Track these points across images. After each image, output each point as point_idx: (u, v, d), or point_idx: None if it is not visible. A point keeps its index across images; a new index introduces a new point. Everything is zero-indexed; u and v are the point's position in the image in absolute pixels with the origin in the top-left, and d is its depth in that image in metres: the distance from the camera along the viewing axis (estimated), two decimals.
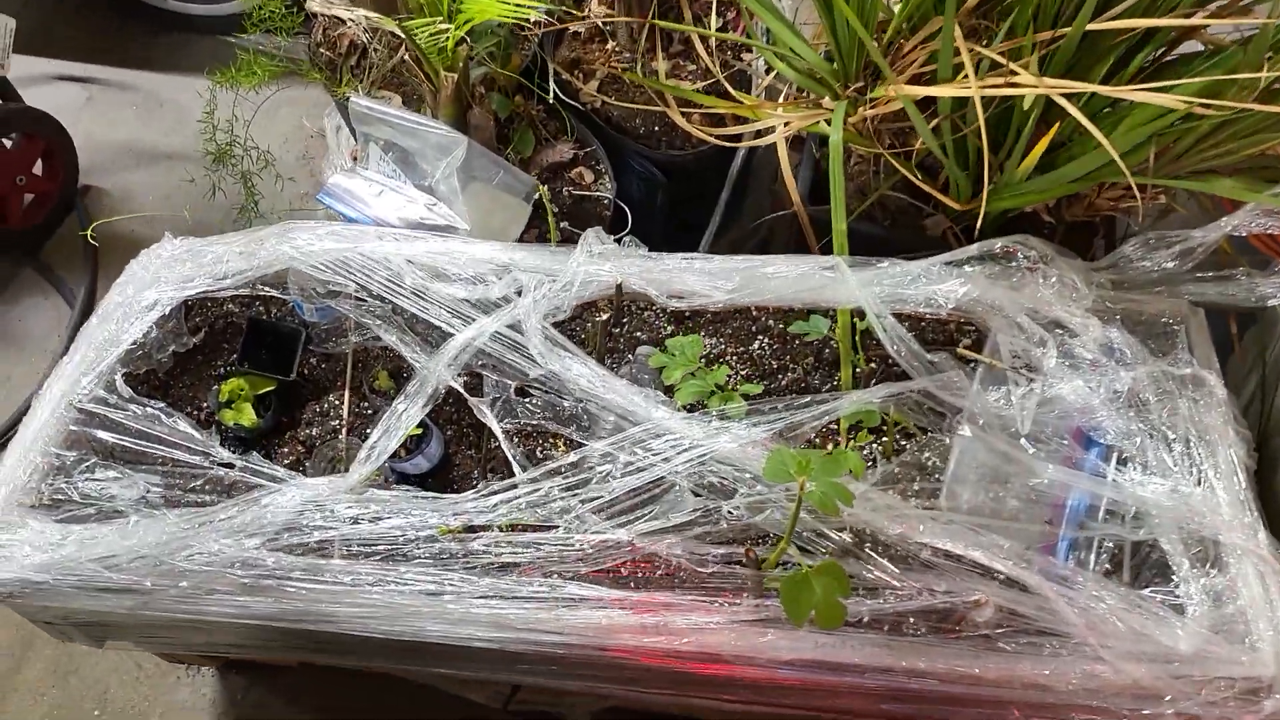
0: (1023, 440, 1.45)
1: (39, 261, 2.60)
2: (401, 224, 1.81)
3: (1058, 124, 1.33)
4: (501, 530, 1.34)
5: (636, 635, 1.30)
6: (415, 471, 1.56)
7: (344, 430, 1.61)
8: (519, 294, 1.51)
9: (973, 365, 1.56)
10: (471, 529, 1.34)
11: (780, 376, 1.60)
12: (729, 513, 1.30)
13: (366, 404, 1.63)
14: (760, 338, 1.64)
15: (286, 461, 1.56)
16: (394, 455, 1.54)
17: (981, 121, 1.29)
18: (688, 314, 1.67)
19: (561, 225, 1.87)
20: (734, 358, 1.62)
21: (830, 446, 1.45)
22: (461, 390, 1.49)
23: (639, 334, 1.66)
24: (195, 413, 1.63)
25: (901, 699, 1.31)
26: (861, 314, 1.49)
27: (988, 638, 1.26)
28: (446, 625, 1.33)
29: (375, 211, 1.83)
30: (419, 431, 1.53)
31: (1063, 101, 1.21)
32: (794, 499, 1.21)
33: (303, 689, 1.97)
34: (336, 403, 1.63)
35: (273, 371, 1.63)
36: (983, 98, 1.28)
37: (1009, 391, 1.48)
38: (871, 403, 1.37)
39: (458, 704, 1.77)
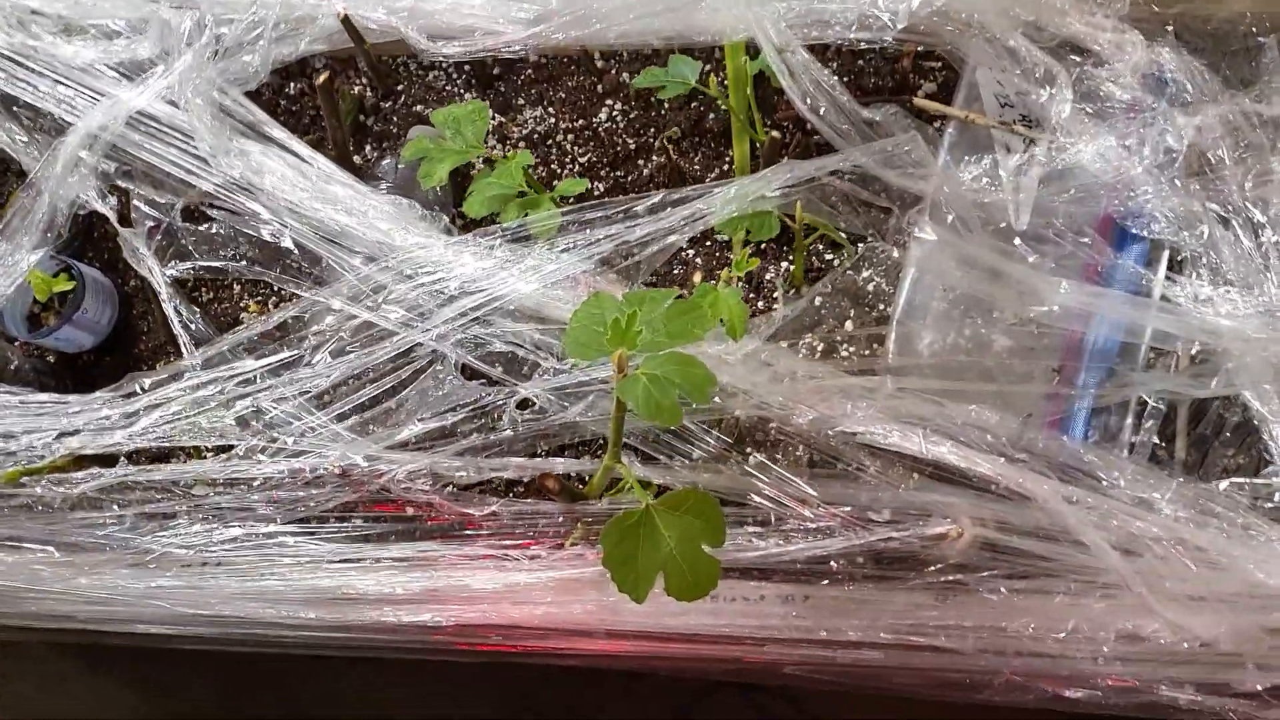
0: (1017, 241, 0.91)
1: None
2: None
3: None
4: (134, 463, 0.80)
5: (405, 608, 0.79)
6: (71, 349, 1.00)
7: None
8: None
9: (939, 126, 0.99)
10: (85, 460, 0.79)
11: (641, 163, 1.02)
12: (521, 406, 0.76)
13: None
14: (610, 103, 1.05)
15: None
16: (34, 323, 0.99)
17: None
18: (496, 70, 1.07)
19: None
20: (569, 136, 1.04)
21: (699, 279, 0.89)
22: (107, 213, 0.91)
23: (420, 108, 1.06)
24: None
25: (821, 669, 0.82)
26: (757, 50, 0.90)
27: (962, 581, 0.75)
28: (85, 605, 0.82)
29: None
30: (69, 286, 0.97)
31: None
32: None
33: None
34: None
35: None
36: None
37: (995, 164, 0.93)
38: (763, 197, 0.80)
39: None
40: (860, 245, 0.90)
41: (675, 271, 0.90)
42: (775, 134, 0.89)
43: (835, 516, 0.71)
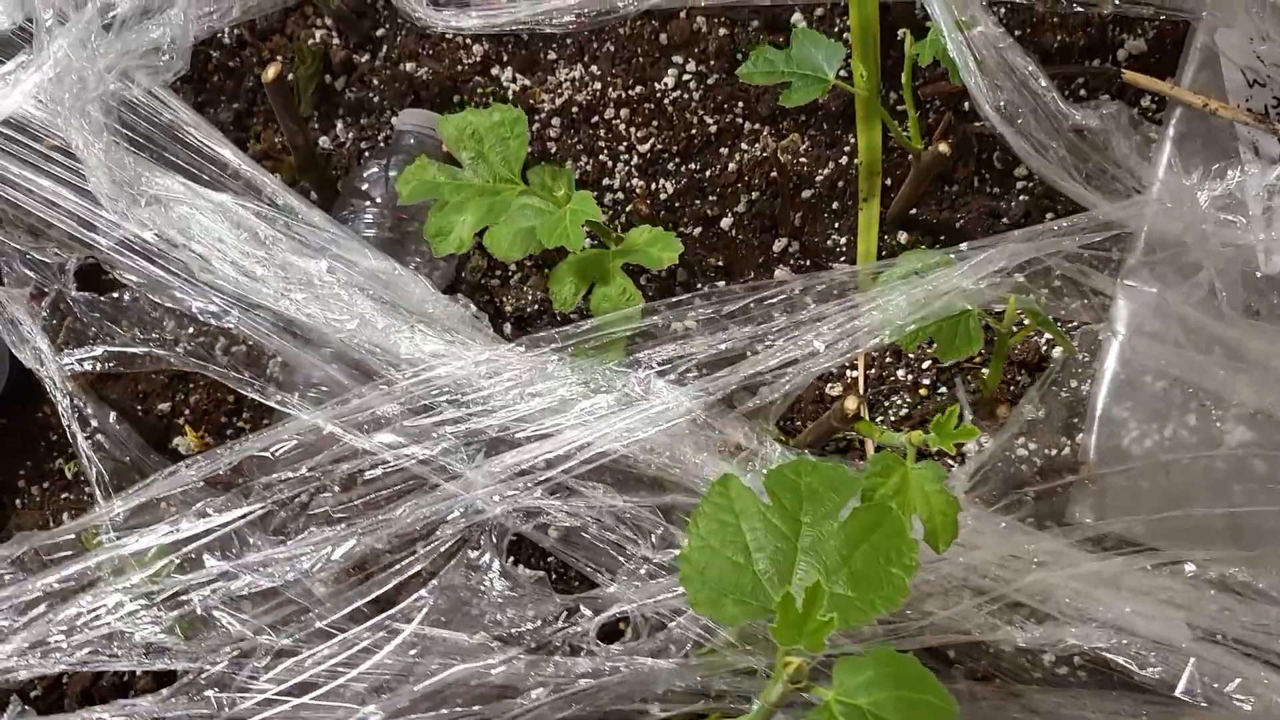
0: (1275, 297, 0.65)
1: None
2: None
3: None
4: (26, 699, 0.55)
5: None
6: None
7: None
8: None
9: (1152, 108, 0.70)
10: None
11: (725, 152, 0.73)
12: (605, 637, 0.51)
13: None
14: (679, 60, 0.74)
15: None
16: None
17: None
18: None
19: None
20: (623, 111, 0.74)
21: (852, 405, 0.61)
22: None
23: (411, 66, 0.75)
24: None
25: None
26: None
27: None
28: None
29: None
30: None
31: None
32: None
33: None
34: None
35: None
36: None
37: (1240, 179, 0.65)
38: (963, 290, 0.52)
39: None
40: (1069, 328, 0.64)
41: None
42: (943, 148, 0.60)
43: None
